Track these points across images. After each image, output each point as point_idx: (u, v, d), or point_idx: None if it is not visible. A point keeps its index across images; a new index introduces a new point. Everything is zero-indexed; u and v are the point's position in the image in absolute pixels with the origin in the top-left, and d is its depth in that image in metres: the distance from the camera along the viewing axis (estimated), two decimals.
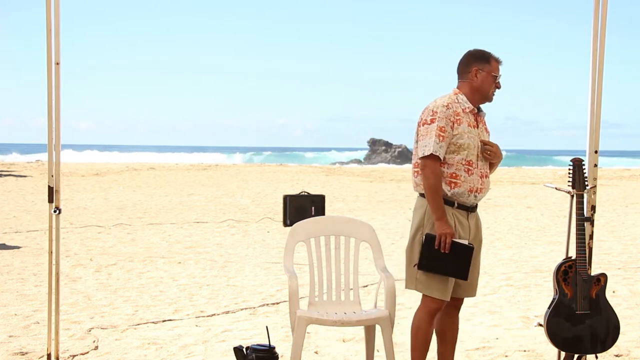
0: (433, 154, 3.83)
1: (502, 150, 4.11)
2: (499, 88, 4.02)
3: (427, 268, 3.87)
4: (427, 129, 3.87)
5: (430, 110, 3.91)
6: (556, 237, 10.79)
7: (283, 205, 11.91)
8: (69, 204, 14.98)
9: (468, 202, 3.93)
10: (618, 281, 7.26)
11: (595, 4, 4.27)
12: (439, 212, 3.83)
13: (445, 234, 3.81)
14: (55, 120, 4.42)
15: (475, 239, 3.99)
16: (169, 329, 5.61)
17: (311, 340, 5.19)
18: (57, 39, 4.37)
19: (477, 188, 3.94)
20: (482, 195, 4.00)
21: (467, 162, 3.90)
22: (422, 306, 3.97)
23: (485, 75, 3.97)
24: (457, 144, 3.88)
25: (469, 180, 3.90)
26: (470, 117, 3.96)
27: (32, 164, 30.65)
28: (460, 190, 3.89)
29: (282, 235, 10.75)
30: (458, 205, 3.91)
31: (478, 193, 3.95)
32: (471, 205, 3.96)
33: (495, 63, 4.01)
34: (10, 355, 4.88)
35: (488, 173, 4.04)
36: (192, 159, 46.89)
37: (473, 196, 3.93)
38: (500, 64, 4.03)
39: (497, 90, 4.02)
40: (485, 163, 4.02)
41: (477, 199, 3.97)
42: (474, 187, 3.92)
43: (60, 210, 4.47)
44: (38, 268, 8.05)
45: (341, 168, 32.52)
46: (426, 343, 3.97)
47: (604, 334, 4.08)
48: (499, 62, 4.03)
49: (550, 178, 25.01)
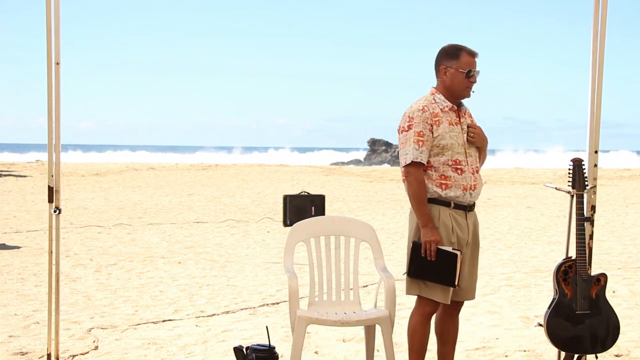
0: (414, 161, 3.82)
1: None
2: (474, 82, 3.90)
3: (416, 275, 3.88)
4: (405, 137, 3.86)
5: (407, 116, 3.89)
6: (556, 237, 10.79)
7: (283, 205, 11.91)
8: (69, 204, 14.98)
9: (465, 201, 3.91)
10: (618, 281, 7.26)
11: (595, 4, 4.27)
12: (424, 219, 3.82)
13: (430, 241, 3.80)
14: (55, 120, 4.42)
15: (474, 238, 3.98)
16: (169, 329, 5.61)
17: (311, 340, 5.19)
18: (57, 39, 4.37)
19: (471, 185, 3.91)
20: (478, 191, 3.96)
21: (454, 162, 3.86)
22: (417, 309, 3.96)
23: (453, 72, 3.88)
24: (440, 145, 3.85)
25: (461, 179, 3.86)
26: (451, 114, 3.91)
27: (32, 164, 30.64)
28: (454, 191, 3.86)
29: (282, 235, 10.75)
30: (455, 205, 3.88)
31: (473, 190, 3.92)
32: (469, 204, 3.93)
33: (466, 57, 3.87)
34: (10, 355, 4.88)
35: (478, 168, 4.00)
36: (192, 159, 46.86)
37: (469, 194, 3.90)
38: (475, 56, 3.89)
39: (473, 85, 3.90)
40: (474, 158, 3.96)
41: (474, 197, 3.94)
42: (468, 184, 3.89)
43: (60, 210, 4.47)
44: (38, 268, 8.05)
45: (341, 168, 32.51)
46: (423, 345, 3.97)
47: (604, 334, 4.08)
48: (473, 55, 3.89)
49: (550, 178, 25.00)
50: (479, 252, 4.08)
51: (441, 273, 3.80)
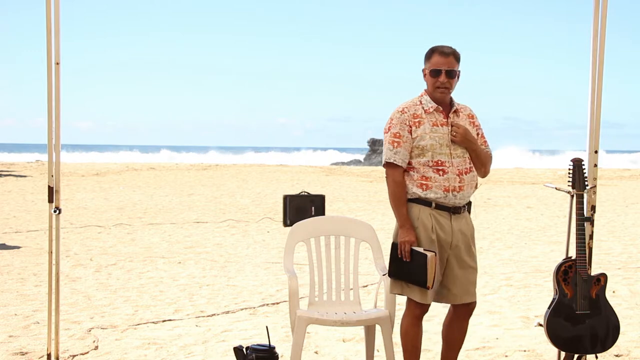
0: (387, 161, 3.87)
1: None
2: (443, 82, 3.83)
3: (395, 276, 3.92)
4: (386, 138, 3.93)
5: (389, 118, 3.95)
6: (556, 237, 10.78)
7: (283, 205, 11.91)
8: (69, 204, 14.98)
9: (448, 203, 3.85)
10: (618, 281, 7.25)
11: (595, 4, 4.27)
12: (401, 219, 3.85)
13: (404, 242, 3.82)
14: (55, 120, 4.42)
15: (464, 241, 3.90)
16: (169, 329, 5.61)
17: (311, 340, 5.19)
18: (57, 39, 4.37)
19: (455, 187, 3.84)
20: (465, 193, 3.86)
21: (435, 163, 3.84)
22: (407, 311, 3.96)
23: (427, 73, 3.90)
24: (420, 146, 3.85)
25: (443, 180, 3.82)
26: (437, 115, 3.89)
27: (32, 164, 30.64)
28: (435, 192, 3.83)
29: (282, 235, 10.75)
30: (436, 205, 3.85)
31: (457, 192, 3.84)
32: (453, 205, 3.86)
33: (436, 57, 3.84)
34: (10, 355, 4.88)
35: (469, 169, 3.88)
36: (192, 158, 46.84)
37: (452, 195, 3.84)
38: (447, 56, 3.83)
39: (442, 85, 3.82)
40: (464, 159, 3.87)
41: (459, 198, 3.86)
42: (450, 186, 3.83)
43: (60, 210, 4.47)
44: (38, 268, 8.05)
45: (341, 168, 32.51)
46: (415, 347, 3.96)
47: (604, 334, 4.08)
48: (445, 55, 3.83)
49: (550, 178, 25.00)
50: (476, 255, 4.00)
51: (415, 274, 3.81)
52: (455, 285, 3.91)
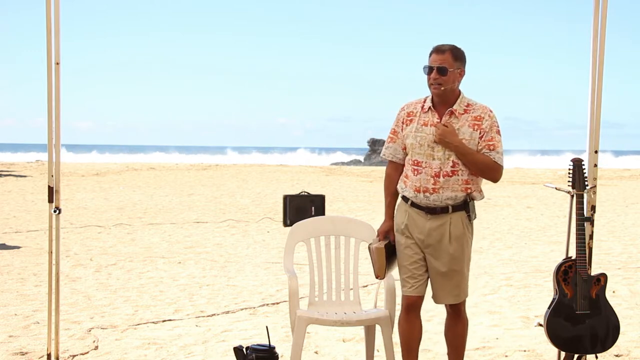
0: (381, 157, 4.04)
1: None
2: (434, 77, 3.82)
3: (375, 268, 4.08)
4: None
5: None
6: (556, 237, 10.79)
7: (283, 205, 11.90)
8: (69, 204, 14.98)
9: (420, 202, 3.86)
10: (618, 281, 7.26)
11: (595, 4, 4.27)
12: (385, 211, 4.06)
13: (378, 231, 4.08)
14: (55, 120, 4.42)
15: (437, 243, 3.84)
16: (169, 329, 5.61)
17: (311, 340, 5.19)
18: (57, 39, 4.37)
19: (427, 188, 3.82)
20: (441, 195, 3.80)
21: (413, 162, 3.88)
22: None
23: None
24: (405, 144, 3.95)
25: (415, 180, 3.85)
26: (431, 115, 3.88)
27: (32, 164, 30.65)
28: (408, 190, 3.90)
29: (282, 235, 10.75)
30: (412, 203, 3.90)
31: (429, 194, 3.81)
32: (426, 206, 3.84)
33: (433, 55, 3.86)
34: (10, 355, 4.88)
35: (452, 172, 3.79)
36: (193, 159, 46.83)
37: (423, 196, 3.83)
38: (437, 52, 3.83)
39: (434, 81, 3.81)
40: (445, 162, 3.80)
41: (432, 200, 3.82)
42: (422, 187, 3.83)
43: (60, 210, 4.47)
44: (38, 268, 8.05)
45: (341, 168, 32.51)
46: (406, 340, 3.97)
47: (604, 334, 4.08)
48: (436, 52, 3.84)
49: (550, 178, 25.00)
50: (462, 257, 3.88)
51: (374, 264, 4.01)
52: (435, 285, 3.92)
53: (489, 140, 3.83)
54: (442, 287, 3.90)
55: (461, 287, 3.92)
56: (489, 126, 3.84)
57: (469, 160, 3.81)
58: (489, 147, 3.83)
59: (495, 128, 3.86)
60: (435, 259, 3.88)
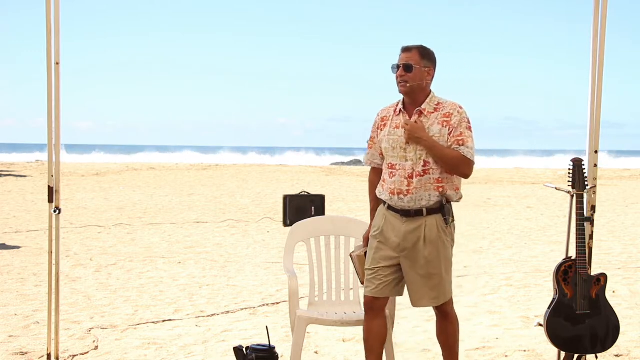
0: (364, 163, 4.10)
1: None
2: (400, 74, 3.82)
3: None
4: None
5: None
6: (556, 237, 10.79)
7: (283, 205, 11.91)
8: (69, 204, 14.98)
9: (395, 205, 3.84)
10: (618, 281, 7.26)
11: (595, 4, 4.27)
12: (370, 219, 4.06)
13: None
14: (55, 120, 4.42)
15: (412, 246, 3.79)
16: (169, 329, 5.61)
17: (311, 340, 5.19)
18: (57, 39, 4.37)
19: (401, 190, 3.79)
20: (415, 196, 3.77)
21: (388, 165, 3.89)
22: None
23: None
24: (381, 149, 3.96)
25: (390, 183, 3.85)
26: (402, 117, 3.87)
27: (32, 164, 30.65)
28: (384, 193, 3.89)
29: (282, 235, 10.75)
30: (389, 207, 3.89)
31: (404, 195, 3.79)
32: (401, 208, 3.82)
33: (400, 54, 3.89)
34: (10, 355, 4.88)
35: (423, 171, 3.76)
36: (193, 159, 46.82)
37: (397, 199, 3.81)
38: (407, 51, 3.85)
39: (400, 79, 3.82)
40: (418, 162, 3.77)
41: (407, 202, 3.78)
42: (396, 189, 3.81)
43: (60, 210, 4.47)
44: (38, 268, 8.05)
45: (341, 168, 32.51)
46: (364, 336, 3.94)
47: (604, 334, 4.08)
48: (405, 50, 3.86)
49: (550, 178, 25.00)
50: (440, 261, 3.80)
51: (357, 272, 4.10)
52: (410, 288, 3.86)
53: (457, 135, 3.77)
54: (418, 291, 3.83)
55: (440, 290, 3.84)
56: (457, 122, 3.78)
57: (438, 155, 3.76)
58: (458, 142, 3.76)
59: (465, 124, 3.79)
60: (411, 262, 3.82)
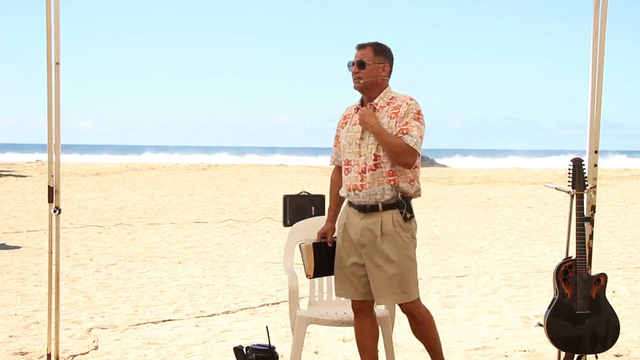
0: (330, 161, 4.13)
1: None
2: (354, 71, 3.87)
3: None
4: None
5: None
6: (556, 237, 10.79)
7: (283, 205, 11.90)
8: (69, 204, 14.98)
9: (353, 201, 3.89)
10: (618, 281, 7.26)
11: (595, 4, 4.27)
12: (327, 215, 4.12)
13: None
14: (55, 120, 4.42)
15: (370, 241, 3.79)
16: (169, 329, 5.61)
17: (311, 340, 5.19)
18: (57, 39, 4.37)
19: (356, 186, 3.83)
20: (369, 191, 3.79)
21: (345, 162, 3.93)
22: None
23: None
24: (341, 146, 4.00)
25: (347, 179, 3.90)
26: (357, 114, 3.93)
27: (32, 164, 30.65)
28: (343, 190, 3.96)
29: (282, 235, 10.75)
30: (349, 202, 3.95)
31: (359, 191, 3.82)
32: (358, 204, 3.85)
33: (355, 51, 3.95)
34: (10, 355, 4.88)
35: (375, 165, 3.77)
36: (193, 159, 46.82)
37: (354, 194, 3.85)
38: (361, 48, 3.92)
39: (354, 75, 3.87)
40: (370, 156, 3.79)
41: (362, 197, 3.81)
42: (351, 185, 3.86)
43: (60, 210, 4.47)
44: (38, 268, 8.05)
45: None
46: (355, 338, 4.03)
47: (604, 334, 4.08)
48: (359, 47, 3.94)
49: (550, 178, 25.00)
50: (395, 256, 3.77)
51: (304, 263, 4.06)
52: (372, 285, 3.86)
53: (403, 125, 3.76)
54: (379, 288, 3.82)
55: (402, 288, 3.79)
56: (404, 112, 3.78)
57: (383, 142, 3.76)
58: (402, 131, 3.75)
59: (412, 114, 3.78)
60: (370, 258, 3.84)
